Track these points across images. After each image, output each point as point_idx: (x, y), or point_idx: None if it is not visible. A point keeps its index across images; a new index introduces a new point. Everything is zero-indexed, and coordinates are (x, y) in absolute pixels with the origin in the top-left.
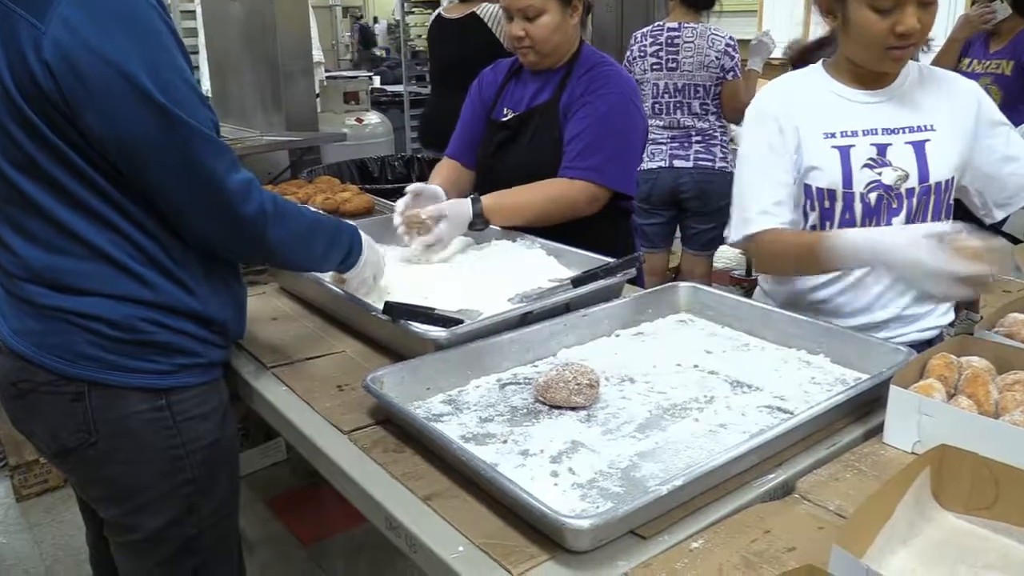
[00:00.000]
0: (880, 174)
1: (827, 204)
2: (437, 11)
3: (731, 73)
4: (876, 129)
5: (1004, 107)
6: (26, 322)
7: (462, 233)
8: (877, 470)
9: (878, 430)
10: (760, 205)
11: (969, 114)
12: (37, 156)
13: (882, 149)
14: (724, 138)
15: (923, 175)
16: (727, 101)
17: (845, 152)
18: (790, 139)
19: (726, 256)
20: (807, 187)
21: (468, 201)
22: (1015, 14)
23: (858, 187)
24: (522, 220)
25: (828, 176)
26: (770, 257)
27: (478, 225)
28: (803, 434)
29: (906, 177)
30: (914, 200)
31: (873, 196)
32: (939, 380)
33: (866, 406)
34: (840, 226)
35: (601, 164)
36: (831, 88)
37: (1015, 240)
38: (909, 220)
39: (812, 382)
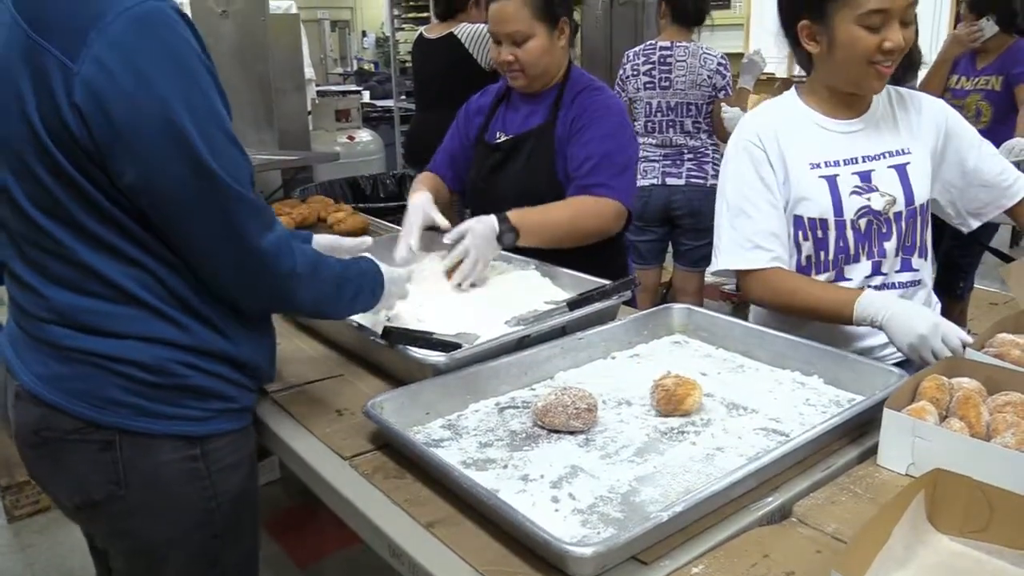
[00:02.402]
0: (869, 199)
1: (820, 234)
2: (419, 32)
3: (723, 92)
4: (856, 158)
5: (995, 122)
6: (51, 366)
7: (493, 251)
8: (872, 492)
9: (872, 451)
10: (753, 238)
11: (937, 130)
12: (63, 198)
13: (865, 176)
14: (716, 156)
15: (909, 198)
16: (719, 120)
17: (832, 181)
18: (778, 170)
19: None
20: (798, 218)
21: (492, 216)
22: (1001, 31)
23: (848, 214)
24: (551, 238)
25: (819, 205)
26: (775, 295)
27: (507, 237)
28: (799, 457)
29: (894, 202)
30: (903, 223)
31: (863, 222)
32: (931, 402)
33: (860, 428)
34: (835, 254)
35: (613, 181)
36: (811, 118)
37: (1004, 256)
38: (900, 243)
39: (807, 403)
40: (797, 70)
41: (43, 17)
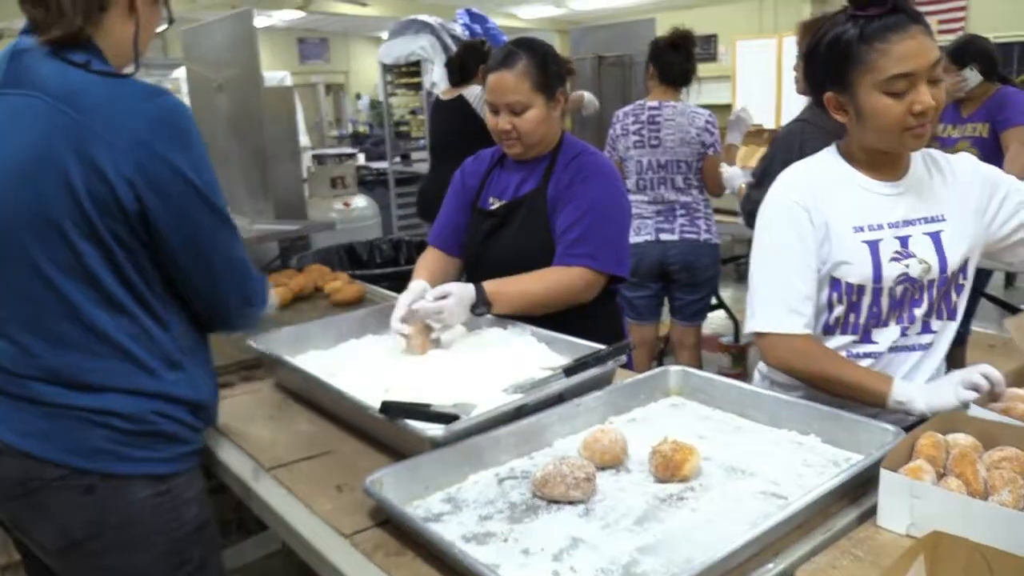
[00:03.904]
0: (907, 267)
1: (855, 298)
2: (435, 95)
3: (711, 148)
4: (898, 222)
5: None
6: (33, 423)
7: (464, 316)
8: (874, 555)
9: (872, 512)
10: (790, 301)
11: (973, 187)
12: (91, 262)
13: (904, 241)
14: (708, 211)
15: (943, 265)
16: (709, 175)
17: (874, 246)
18: (819, 231)
19: (714, 323)
20: (835, 280)
21: (471, 285)
22: (984, 80)
23: (887, 281)
24: (524, 308)
25: (859, 271)
26: (805, 364)
27: (480, 309)
28: (799, 521)
29: (929, 269)
30: (935, 291)
31: (900, 289)
32: (928, 460)
33: (859, 488)
34: (867, 319)
35: (596, 251)
36: (854, 179)
37: (1000, 302)
38: (930, 309)
39: (805, 464)
40: (785, 121)
41: (89, 106)
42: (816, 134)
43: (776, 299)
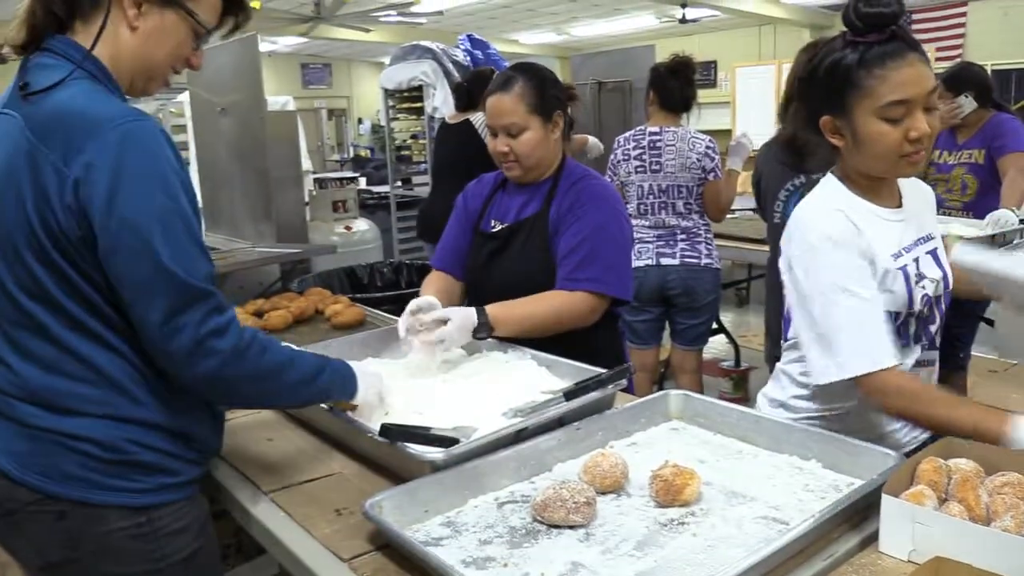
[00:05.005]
0: (924, 287)
1: (890, 327)
2: (438, 119)
3: (712, 174)
4: (910, 246)
5: (980, 195)
6: (13, 443)
7: (466, 340)
8: None
9: (874, 537)
10: (882, 334)
11: (931, 207)
12: (48, 284)
13: (917, 263)
14: (708, 235)
15: (947, 281)
16: (709, 200)
17: (906, 272)
18: (867, 257)
19: (715, 347)
20: None
21: (472, 309)
22: (979, 107)
23: (917, 304)
24: (526, 331)
25: (897, 300)
26: (912, 400)
27: (482, 334)
28: (801, 546)
29: (938, 285)
30: (943, 306)
31: (925, 310)
32: (929, 485)
33: (860, 513)
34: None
35: (600, 274)
36: (868, 208)
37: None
38: (940, 325)
39: (806, 489)
40: None
41: (48, 128)
42: (771, 169)
43: (867, 333)
